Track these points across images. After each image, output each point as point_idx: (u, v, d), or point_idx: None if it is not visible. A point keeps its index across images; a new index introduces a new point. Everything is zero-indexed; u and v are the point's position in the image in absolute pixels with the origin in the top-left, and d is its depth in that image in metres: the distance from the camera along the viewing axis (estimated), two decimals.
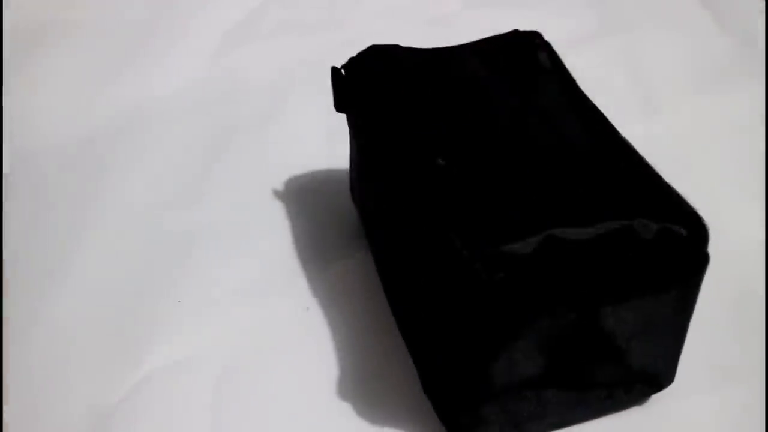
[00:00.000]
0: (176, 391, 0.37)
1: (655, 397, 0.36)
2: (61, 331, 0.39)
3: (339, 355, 0.38)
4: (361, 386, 0.37)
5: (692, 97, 0.56)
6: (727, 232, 0.34)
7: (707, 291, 0.32)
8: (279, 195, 0.48)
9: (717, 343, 0.38)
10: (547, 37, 0.41)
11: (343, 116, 0.42)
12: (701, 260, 0.31)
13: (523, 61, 0.39)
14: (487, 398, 0.33)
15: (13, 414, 0.35)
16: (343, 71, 0.40)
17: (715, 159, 0.50)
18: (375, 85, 0.38)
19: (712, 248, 0.31)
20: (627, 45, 0.60)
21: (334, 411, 0.36)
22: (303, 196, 0.48)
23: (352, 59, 0.40)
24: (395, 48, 0.41)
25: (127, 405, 0.36)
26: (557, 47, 0.41)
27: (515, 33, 0.42)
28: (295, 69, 0.59)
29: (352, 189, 0.44)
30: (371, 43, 0.40)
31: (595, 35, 0.60)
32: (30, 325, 0.39)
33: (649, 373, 0.34)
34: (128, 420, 0.36)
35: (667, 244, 0.30)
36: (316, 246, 0.44)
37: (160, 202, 0.47)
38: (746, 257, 0.43)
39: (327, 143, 0.43)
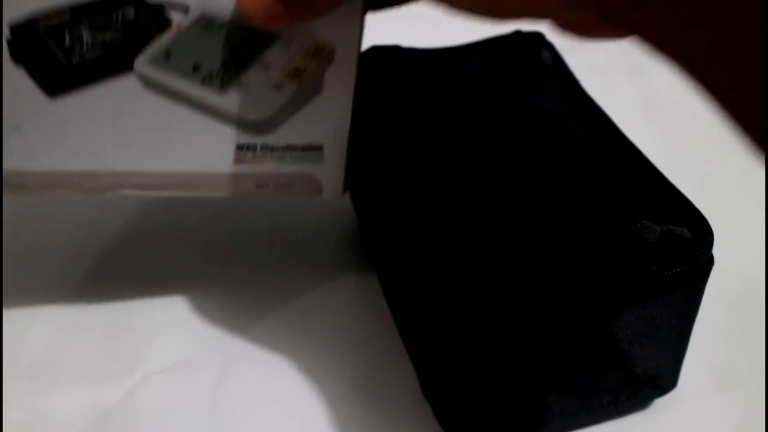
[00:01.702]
0: (174, 393, 0.37)
1: (659, 402, 0.36)
2: (59, 332, 0.39)
3: (337, 358, 0.38)
4: (359, 389, 0.37)
5: (694, 97, 0.55)
6: (727, 234, 0.34)
7: (708, 294, 0.32)
8: None
9: (719, 347, 0.38)
10: (549, 38, 0.41)
11: None
12: (706, 263, 0.31)
13: (526, 61, 0.39)
14: (488, 403, 0.32)
15: (12, 415, 0.35)
16: None
17: (715, 160, 0.50)
18: (376, 86, 0.38)
19: (713, 250, 0.30)
20: (629, 46, 0.60)
21: (332, 414, 0.36)
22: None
23: None
24: (397, 48, 0.40)
25: (126, 407, 0.36)
26: (559, 47, 0.41)
27: (518, 33, 0.42)
28: None
29: (352, 189, 0.44)
30: (372, 44, 0.40)
31: None
32: (28, 325, 0.39)
33: (652, 377, 0.34)
34: (127, 422, 0.35)
35: (671, 247, 0.30)
36: (314, 247, 0.44)
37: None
38: (747, 260, 0.43)
39: None
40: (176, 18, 0.29)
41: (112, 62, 0.29)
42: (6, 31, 0.27)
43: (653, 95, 0.56)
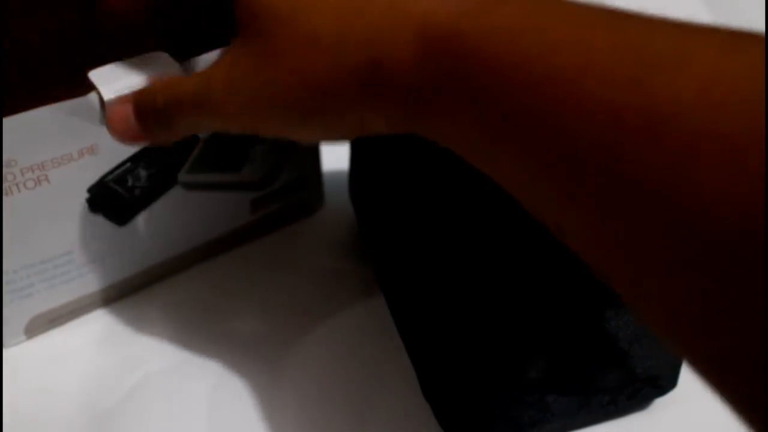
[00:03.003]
0: (174, 393, 0.37)
1: (658, 402, 0.35)
2: (59, 331, 0.39)
3: (337, 358, 0.38)
4: (359, 389, 0.37)
5: None
6: None
7: None
8: None
9: None
10: None
11: None
12: None
13: None
14: (488, 403, 0.32)
15: (12, 415, 0.35)
16: None
17: None
18: None
19: None
20: None
21: (332, 414, 0.36)
22: None
23: None
24: None
25: (126, 407, 0.36)
26: None
27: None
28: None
29: (352, 189, 0.44)
30: None
31: None
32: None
33: (651, 377, 0.34)
34: (127, 422, 0.35)
35: None
36: (313, 247, 0.44)
37: None
38: None
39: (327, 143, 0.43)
40: (201, 134, 0.37)
41: (163, 183, 0.37)
42: (85, 195, 0.34)
43: None
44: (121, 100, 0.30)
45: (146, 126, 0.29)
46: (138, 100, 0.29)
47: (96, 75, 0.31)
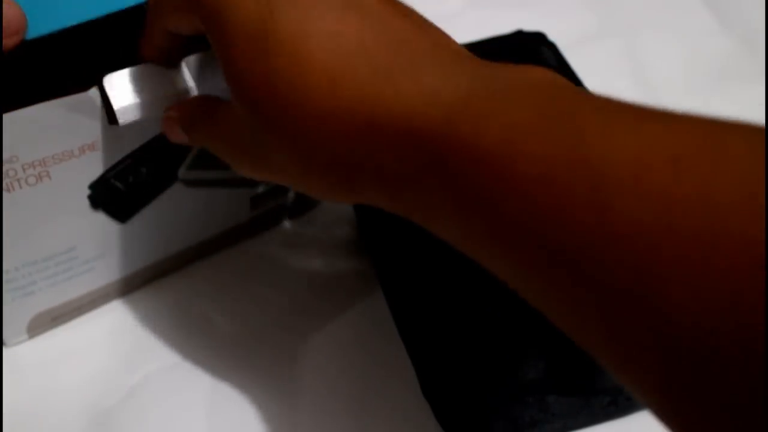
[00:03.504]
0: (174, 393, 0.36)
1: None
2: (60, 331, 0.39)
3: (337, 358, 0.38)
4: (359, 389, 0.37)
5: (693, 97, 0.55)
6: None
7: None
8: None
9: None
10: (551, 38, 0.41)
11: None
12: None
13: (528, 60, 0.39)
14: (488, 403, 0.32)
15: (12, 414, 0.35)
16: None
17: None
18: None
19: None
20: (628, 45, 0.60)
21: (331, 414, 0.36)
22: None
23: None
24: None
25: (126, 407, 0.36)
26: (561, 47, 0.41)
27: (520, 33, 0.41)
28: None
29: None
30: None
31: (596, 36, 0.60)
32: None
33: None
34: (127, 422, 0.35)
35: None
36: (312, 246, 0.44)
37: None
38: None
39: None
40: None
41: (164, 180, 0.37)
42: (86, 191, 0.34)
43: (651, 95, 0.56)
44: (170, 109, 0.32)
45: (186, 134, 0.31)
46: (179, 116, 0.31)
47: (109, 82, 0.31)
